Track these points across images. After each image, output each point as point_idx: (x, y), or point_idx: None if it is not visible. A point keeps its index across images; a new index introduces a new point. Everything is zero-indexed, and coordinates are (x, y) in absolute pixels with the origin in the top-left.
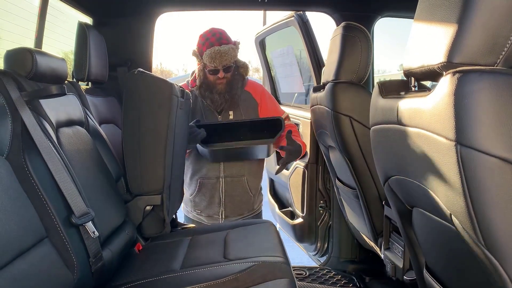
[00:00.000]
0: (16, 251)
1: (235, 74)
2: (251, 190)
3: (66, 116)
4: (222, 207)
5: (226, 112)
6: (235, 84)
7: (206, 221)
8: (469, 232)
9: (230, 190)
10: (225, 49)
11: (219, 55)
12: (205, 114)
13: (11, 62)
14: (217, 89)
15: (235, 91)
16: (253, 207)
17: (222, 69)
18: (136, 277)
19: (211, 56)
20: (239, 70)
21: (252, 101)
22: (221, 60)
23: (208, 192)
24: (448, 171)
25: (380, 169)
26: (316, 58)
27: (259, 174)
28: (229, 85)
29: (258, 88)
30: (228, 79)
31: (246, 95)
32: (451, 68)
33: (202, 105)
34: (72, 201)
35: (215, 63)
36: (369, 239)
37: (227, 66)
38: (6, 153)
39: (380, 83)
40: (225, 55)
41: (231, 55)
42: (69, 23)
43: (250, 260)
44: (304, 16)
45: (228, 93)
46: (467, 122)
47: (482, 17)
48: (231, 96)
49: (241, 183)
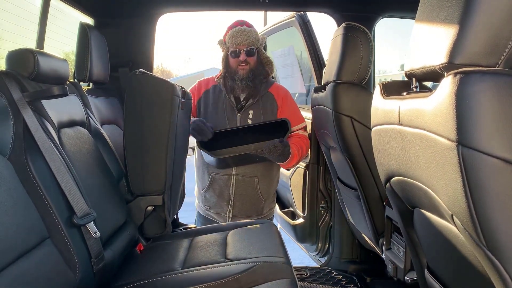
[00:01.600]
0: (18, 251)
1: (258, 65)
2: (262, 194)
3: (68, 116)
4: (230, 206)
5: (246, 111)
6: (258, 74)
7: (215, 218)
8: (471, 233)
9: (241, 189)
10: (246, 30)
11: (241, 33)
12: (226, 110)
13: (13, 63)
14: (239, 74)
15: (258, 80)
16: (262, 211)
17: (244, 52)
18: (137, 277)
19: (233, 34)
20: (263, 65)
21: (273, 103)
22: (243, 38)
23: (218, 188)
24: (450, 172)
25: (381, 170)
26: (317, 58)
27: (272, 178)
28: (252, 72)
29: (282, 91)
30: (251, 65)
31: (268, 96)
32: (453, 69)
33: (225, 100)
34: (74, 202)
35: (236, 41)
36: (370, 239)
37: (249, 50)
38: (8, 153)
39: (381, 84)
40: (247, 34)
41: (253, 37)
42: (70, 23)
43: (252, 261)
44: (305, 17)
45: (252, 80)
46: (469, 123)
47: (484, 18)
48: (254, 85)
49: (252, 184)
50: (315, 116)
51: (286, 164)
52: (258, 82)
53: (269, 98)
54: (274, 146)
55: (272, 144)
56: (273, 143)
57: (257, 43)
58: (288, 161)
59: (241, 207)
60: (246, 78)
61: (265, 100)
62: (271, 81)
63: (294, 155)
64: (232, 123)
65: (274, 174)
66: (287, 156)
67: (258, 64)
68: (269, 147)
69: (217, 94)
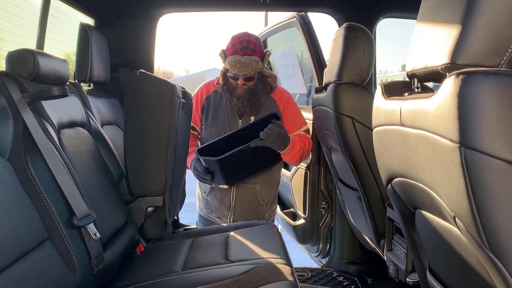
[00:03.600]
0: (18, 253)
1: (258, 84)
2: (263, 199)
3: (68, 117)
4: (231, 212)
5: (247, 117)
6: (257, 93)
7: (217, 221)
8: (473, 235)
9: (242, 196)
10: (246, 61)
11: (239, 64)
12: (227, 115)
13: (13, 63)
14: (236, 92)
15: (255, 98)
16: (263, 216)
17: (242, 78)
18: (137, 279)
19: (231, 63)
20: (265, 80)
21: (275, 109)
22: (240, 69)
23: (219, 194)
24: (452, 173)
25: (383, 171)
26: (318, 59)
27: (273, 183)
28: (249, 91)
29: (284, 95)
30: (250, 86)
31: (270, 101)
32: (455, 69)
33: (225, 106)
34: (73, 203)
35: (234, 71)
36: (372, 240)
37: (248, 77)
38: (7, 154)
39: (383, 85)
40: (245, 67)
41: (252, 67)
42: (71, 24)
43: (252, 262)
44: (306, 17)
45: (248, 99)
46: (471, 123)
47: (486, 18)
48: (250, 104)
49: (253, 191)
50: (316, 116)
51: (289, 152)
52: (255, 100)
53: (271, 104)
54: (270, 129)
55: (267, 129)
56: (267, 128)
57: (257, 70)
58: (290, 147)
59: (242, 213)
60: (243, 97)
61: (267, 106)
62: (274, 87)
63: (295, 142)
64: (234, 129)
65: (275, 179)
66: (287, 139)
67: (258, 83)
68: (266, 132)
69: (217, 100)
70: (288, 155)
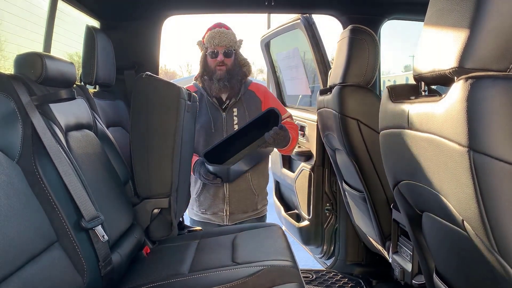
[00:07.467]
0: (27, 255)
1: (235, 66)
2: (255, 189)
3: (75, 120)
4: (227, 204)
5: (230, 109)
6: (235, 75)
7: (212, 219)
8: (482, 238)
9: (234, 186)
10: (225, 31)
11: (219, 34)
12: (210, 111)
13: (21, 67)
14: (216, 75)
15: (235, 81)
16: (256, 206)
17: (222, 53)
18: (144, 281)
19: (211, 35)
20: (241, 67)
21: (255, 98)
22: (221, 39)
23: (212, 189)
24: (461, 177)
25: (389, 174)
26: (322, 61)
27: (263, 172)
28: (229, 73)
29: (261, 87)
30: (228, 66)
31: (249, 94)
32: (463, 74)
33: (207, 102)
34: (82, 205)
35: (214, 42)
36: (377, 242)
37: (227, 51)
38: (17, 157)
39: (389, 87)
40: (225, 35)
41: (231, 39)
42: (75, 25)
43: (259, 264)
44: (310, 19)
45: (228, 81)
46: (481, 128)
47: (494, 22)
48: (231, 86)
49: (245, 180)
50: (320, 118)
51: (288, 148)
52: (235, 82)
53: (251, 95)
54: (276, 134)
55: (274, 133)
56: (274, 132)
57: (235, 45)
58: (289, 144)
59: (237, 203)
60: (223, 78)
61: (247, 97)
62: (249, 81)
63: (293, 138)
64: (218, 122)
65: (263, 168)
66: (288, 140)
67: (235, 65)
68: (272, 136)
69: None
70: (286, 150)
